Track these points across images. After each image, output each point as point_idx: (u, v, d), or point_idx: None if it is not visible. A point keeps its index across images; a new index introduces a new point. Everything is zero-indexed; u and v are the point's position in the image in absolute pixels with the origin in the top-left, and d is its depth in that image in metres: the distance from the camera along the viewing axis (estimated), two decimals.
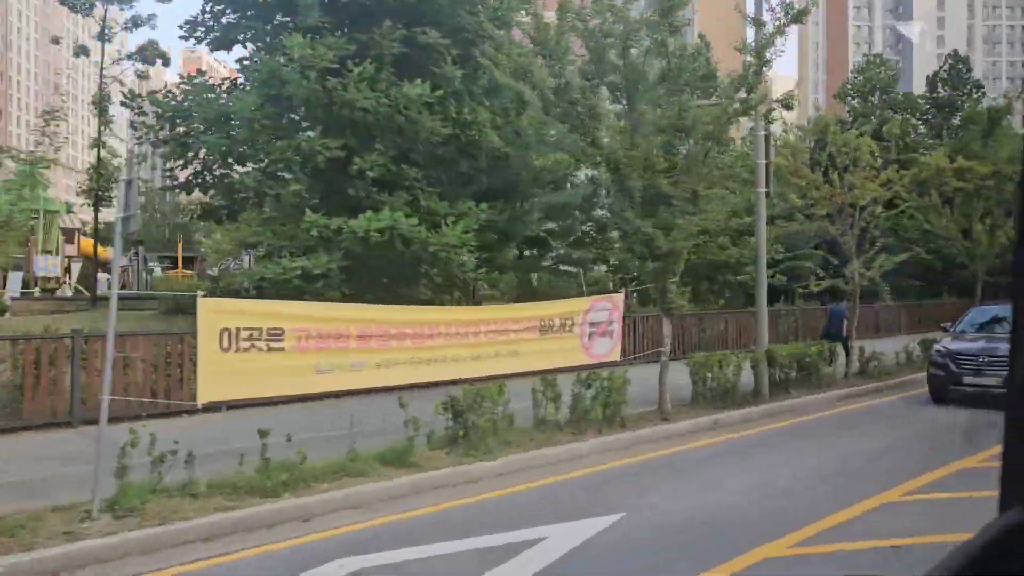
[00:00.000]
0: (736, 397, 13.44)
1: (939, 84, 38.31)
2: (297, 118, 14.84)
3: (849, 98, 35.49)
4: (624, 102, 12.54)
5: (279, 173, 14.68)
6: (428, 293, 14.39)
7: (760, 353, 14.23)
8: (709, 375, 12.92)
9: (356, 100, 13.31)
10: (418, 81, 13.86)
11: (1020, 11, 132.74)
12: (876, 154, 17.87)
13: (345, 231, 12.78)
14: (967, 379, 13.27)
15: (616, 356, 12.80)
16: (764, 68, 11.87)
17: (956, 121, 37.53)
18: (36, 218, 32.11)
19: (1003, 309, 15.60)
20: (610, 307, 12.68)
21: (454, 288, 14.89)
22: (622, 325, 12.88)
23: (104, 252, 32.77)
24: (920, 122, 37.20)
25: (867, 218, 16.82)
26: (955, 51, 38.73)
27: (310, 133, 14.50)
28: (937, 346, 14.45)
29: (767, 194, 14.38)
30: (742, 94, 12.29)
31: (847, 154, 17.48)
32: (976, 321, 15.61)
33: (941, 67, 38.61)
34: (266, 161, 14.46)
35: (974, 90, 38.16)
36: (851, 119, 33.83)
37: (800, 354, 14.91)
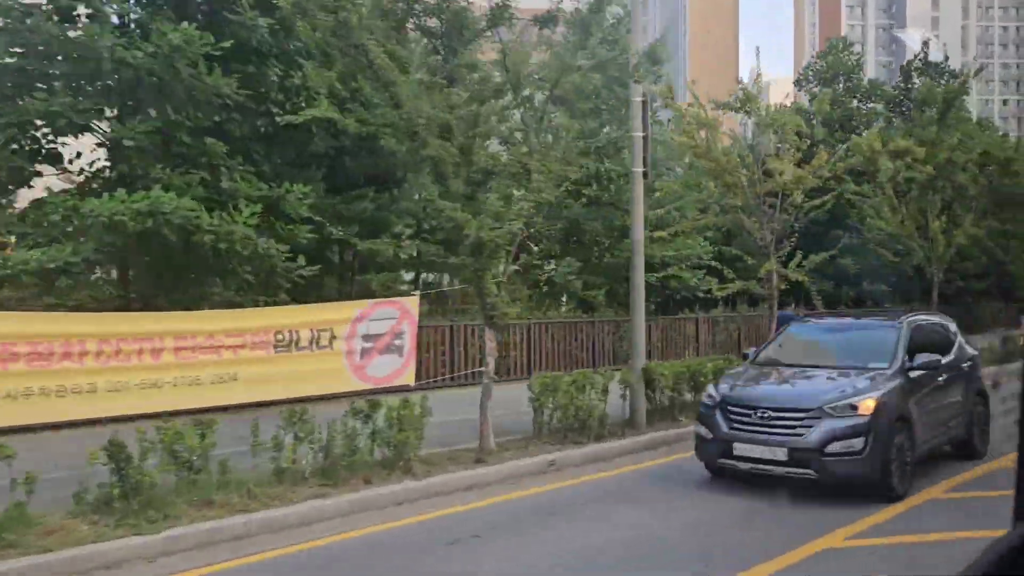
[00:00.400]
0: (598, 428, 10.71)
1: (913, 74, 35.64)
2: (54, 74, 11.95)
3: (810, 84, 32.68)
4: (443, 52, 9.82)
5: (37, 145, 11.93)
6: (230, 293, 11.63)
7: (632, 372, 11.49)
8: (552, 401, 10.18)
9: (104, 50, 10.50)
10: (184, 25, 11.05)
11: (1014, 12, 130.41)
12: (804, 134, 15.20)
13: (91, 215, 10.00)
14: (739, 448, 8.03)
15: (408, 379, 9.99)
16: (605, 4, 9.16)
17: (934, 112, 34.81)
18: None
19: (844, 325, 10.84)
20: (397, 314, 9.84)
21: (278, 289, 12.19)
22: (416, 337, 10.05)
23: None
24: (892, 114, 34.47)
25: (788, 209, 14.11)
26: (931, 38, 36.02)
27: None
28: (710, 388, 9.04)
29: (645, 175, 11.65)
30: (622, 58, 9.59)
31: (774, 133, 14.84)
32: (792, 343, 9.82)
33: (916, 55, 35.93)
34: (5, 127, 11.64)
35: (951, 80, 35.44)
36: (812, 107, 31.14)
37: (692, 371, 12.15)
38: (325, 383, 9.15)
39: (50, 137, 12.06)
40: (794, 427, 7.85)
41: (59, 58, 11.49)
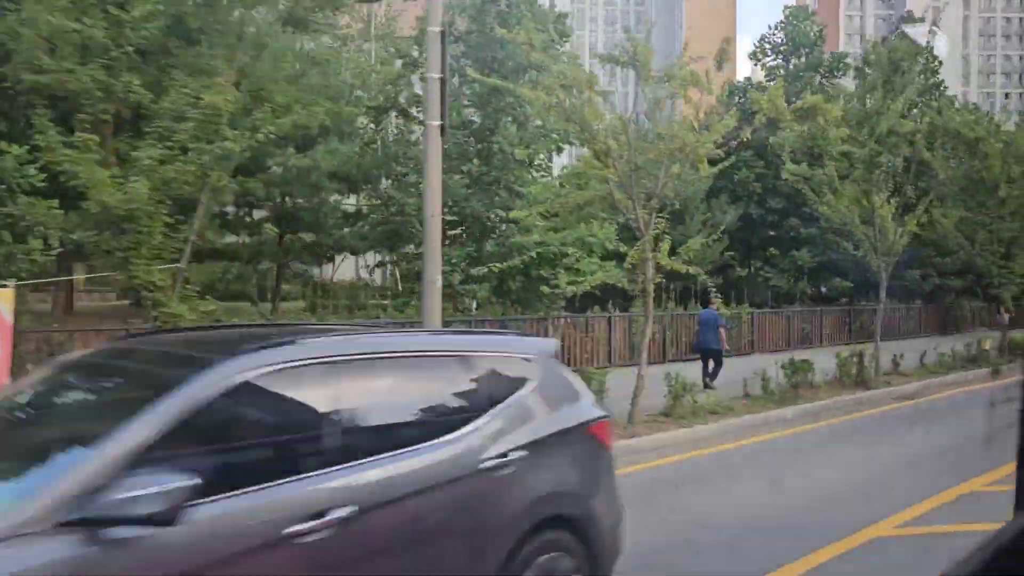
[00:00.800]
0: None
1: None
2: None
3: (767, 58, 29.60)
4: None
5: None
6: None
7: None
8: None
9: None
10: None
11: (1018, 2, 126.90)
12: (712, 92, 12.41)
13: None
14: None
15: None
16: None
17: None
18: None
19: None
20: None
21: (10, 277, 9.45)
22: (10, 346, 7.20)
23: None
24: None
25: (668, 183, 11.31)
26: (910, 12, 33.08)
27: None
28: None
29: (442, 129, 8.84)
30: None
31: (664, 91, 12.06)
32: None
33: (892, 31, 32.98)
34: None
35: (930, 59, 32.55)
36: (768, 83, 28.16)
37: None
38: None
39: None
40: None
41: None
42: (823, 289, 29.37)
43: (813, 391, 14.72)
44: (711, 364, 15.72)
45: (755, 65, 29.41)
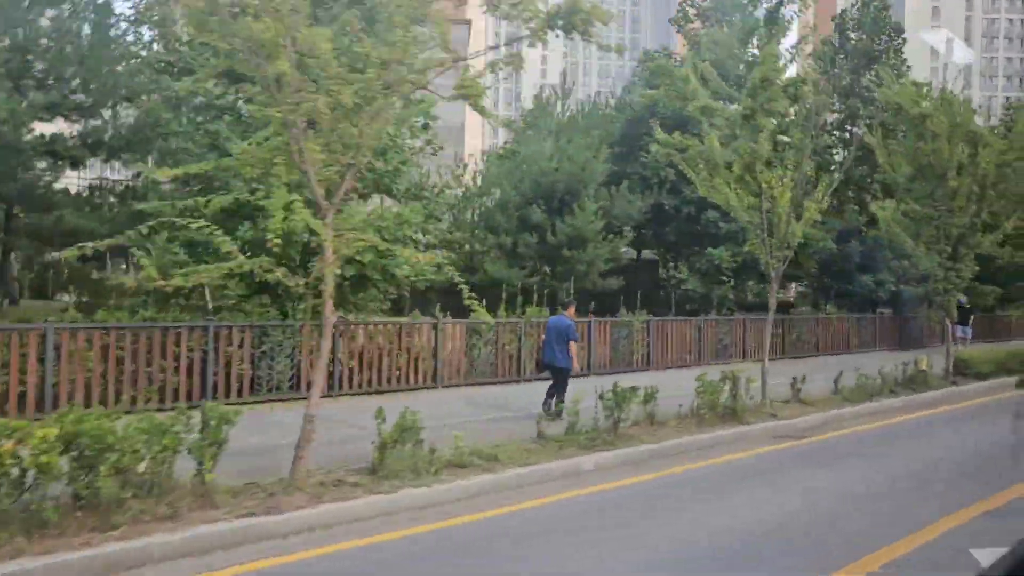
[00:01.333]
0: None
1: (850, 27, 28.86)
2: None
3: (691, 25, 25.49)
4: None
5: None
6: None
7: None
8: None
9: None
10: None
11: (1021, 3, 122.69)
12: None
13: None
14: None
15: None
16: None
17: (868, 79, 28.11)
18: None
19: None
20: None
21: None
22: None
23: None
24: (822, 76, 27.75)
25: (367, 130, 7.54)
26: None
27: None
28: None
29: None
30: None
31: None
32: None
33: (852, 5, 29.18)
34: None
35: (893, 35, 28.77)
36: (691, 55, 24.21)
37: None
38: None
39: None
40: None
41: None
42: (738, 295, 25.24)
43: (653, 429, 10.95)
44: (560, 385, 12.25)
45: (677, 32, 25.33)
